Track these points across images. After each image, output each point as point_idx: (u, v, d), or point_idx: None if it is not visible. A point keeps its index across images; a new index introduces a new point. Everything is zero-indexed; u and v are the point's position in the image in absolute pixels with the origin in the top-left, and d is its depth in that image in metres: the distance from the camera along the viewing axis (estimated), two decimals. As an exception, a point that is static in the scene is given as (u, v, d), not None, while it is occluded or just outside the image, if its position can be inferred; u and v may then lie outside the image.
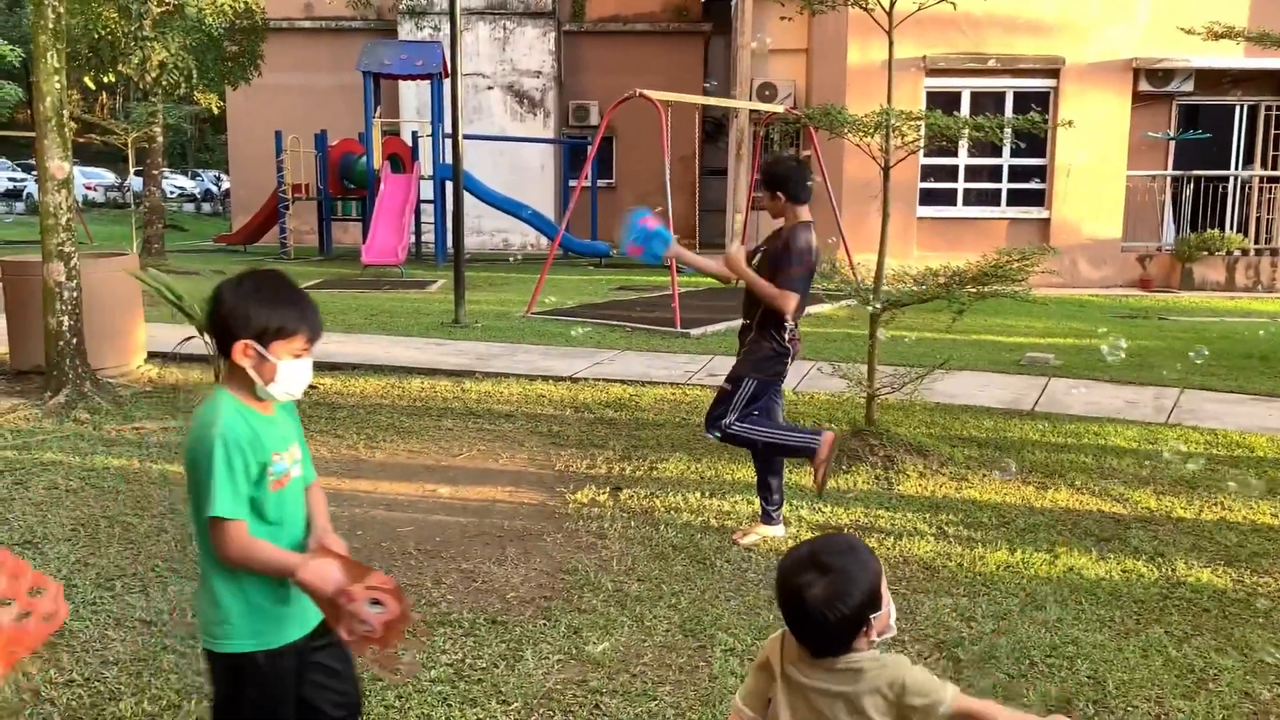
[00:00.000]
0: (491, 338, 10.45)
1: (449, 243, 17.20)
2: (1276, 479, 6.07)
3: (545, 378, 8.54)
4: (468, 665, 3.71)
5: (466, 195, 13.00)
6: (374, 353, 9.44)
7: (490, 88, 22.79)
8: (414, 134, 19.95)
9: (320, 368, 8.74)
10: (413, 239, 19.11)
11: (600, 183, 21.88)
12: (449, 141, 17.40)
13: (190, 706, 3.39)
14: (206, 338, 7.71)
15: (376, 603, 2.25)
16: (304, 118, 21.24)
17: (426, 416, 7.35)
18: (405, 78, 19.68)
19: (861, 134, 6.30)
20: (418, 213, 19.10)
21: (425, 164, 19.08)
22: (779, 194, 4.90)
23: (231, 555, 2.30)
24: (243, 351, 2.32)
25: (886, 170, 6.39)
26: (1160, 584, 4.53)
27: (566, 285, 15.15)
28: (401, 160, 19.22)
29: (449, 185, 17.78)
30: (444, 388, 8.22)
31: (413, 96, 22.10)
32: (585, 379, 8.50)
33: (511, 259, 19.73)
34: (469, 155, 16.19)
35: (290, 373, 2.35)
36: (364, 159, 18.93)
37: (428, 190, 19.00)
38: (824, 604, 1.98)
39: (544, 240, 21.16)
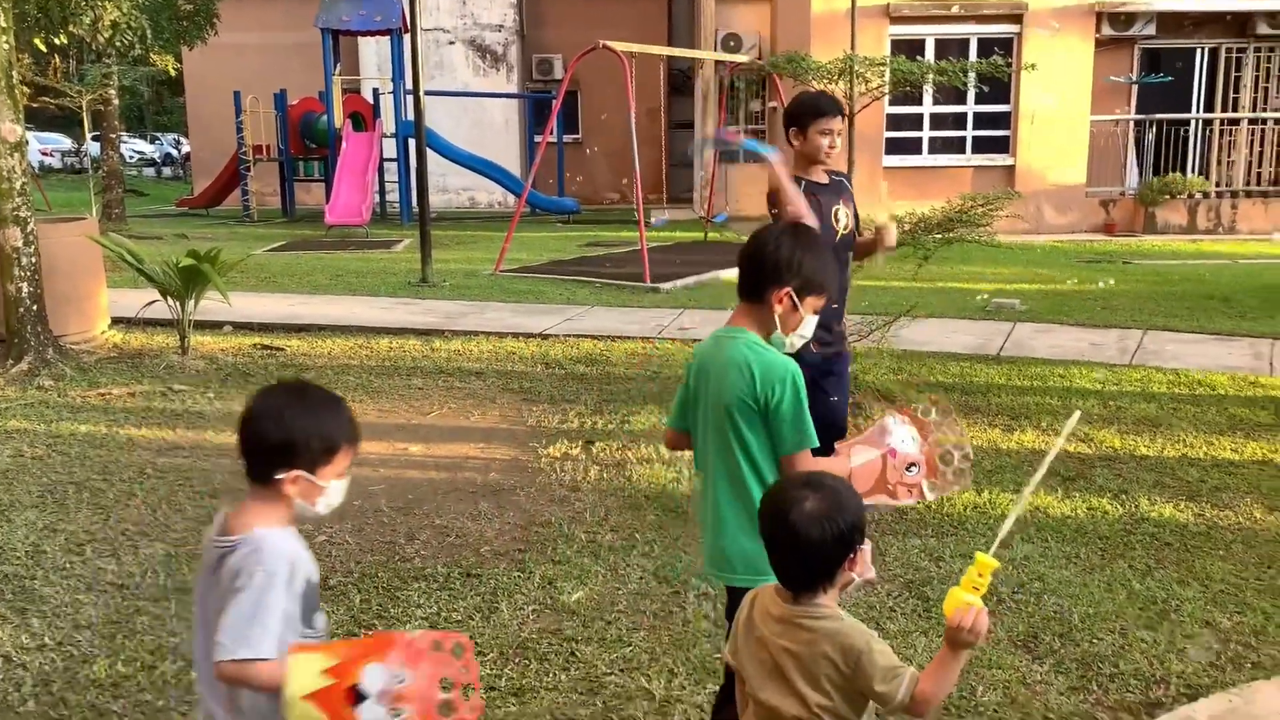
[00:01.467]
0: (460, 296, 10.39)
1: (414, 201, 17.06)
2: (1236, 415, 6.17)
3: (515, 335, 8.51)
4: (442, 619, 3.73)
5: (431, 153, 12.86)
6: (341, 313, 9.38)
7: (452, 42, 22.46)
8: (375, 91, 19.64)
9: (286, 329, 8.69)
10: (377, 198, 18.91)
11: (566, 138, 21.69)
12: (411, 98, 17.21)
13: (165, 667, 3.39)
14: (169, 300, 7.64)
15: None
16: (263, 77, 20.84)
17: (396, 376, 7.33)
18: (364, 34, 19.35)
19: (826, 81, 6.29)
20: (381, 171, 18.88)
21: (387, 121, 18.82)
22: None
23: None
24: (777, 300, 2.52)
25: (851, 117, 6.38)
26: (1124, 520, 4.61)
27: (534, 242, 15.07)
28: (363, 118, 18.94)
29: (412, 143, 17.60)
30: (413, 347, 8.18)
31: (373, 53, 21.74)
32: (556, 335, 8.49)
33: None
34: (431, 112, 15.97)
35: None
36: (325, 118, 18.65)
37: (391, 148, 18.77)
38: (816, 518, 1.93)
39: (511, 197, 20.99)
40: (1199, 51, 17.01)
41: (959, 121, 16.63)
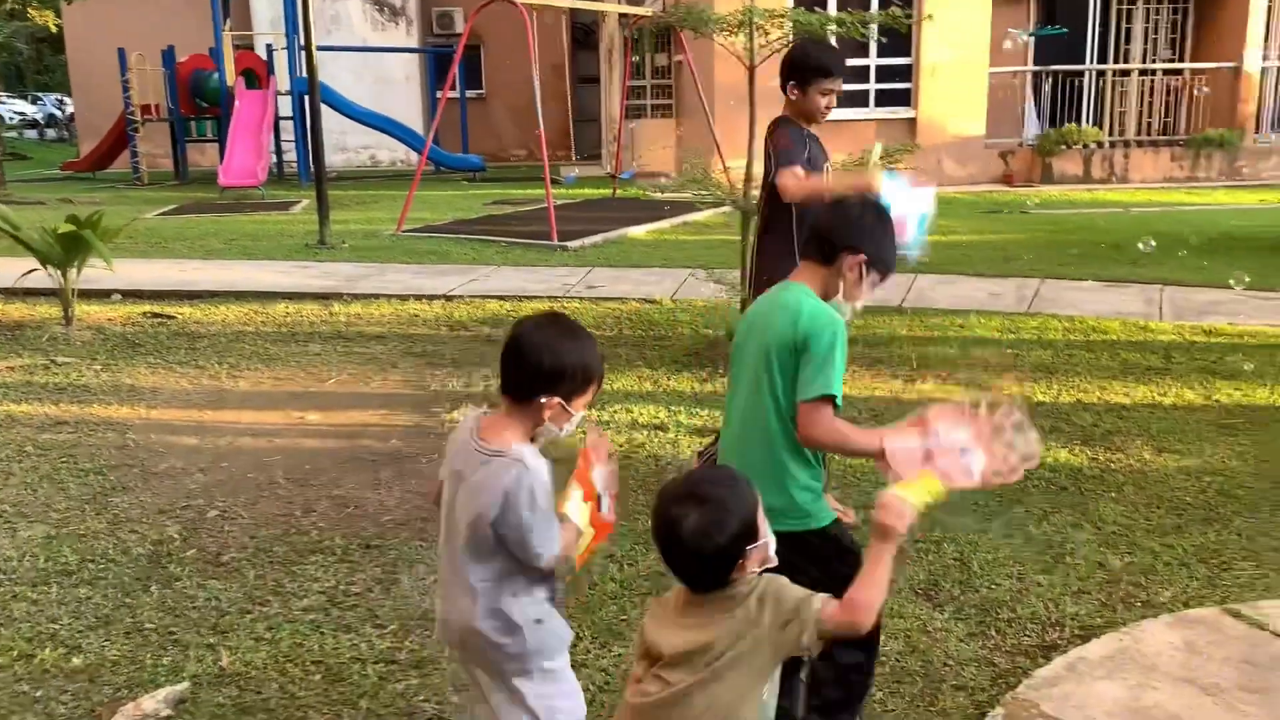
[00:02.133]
0: (360, 258, 10.13)
1: (312, 161, 16.55)
2: (1128, 359, 6.35)
3: (418, 297, 8.33)
4: (341, 592, 3.63)
5: (329, 110, 12.45)
6: (235, 278, 9.06)
7: (347, -4, 21.75)
8: (268, 47, 18.93)
9: (179, 296, 8.37)
10: (273, 158, 18.31)
11: (469, 93, 21.26)
12: (304, 54, 16.63)
13: (45, 655, 3.23)
14: (49, 269, 7.27)
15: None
16: (149, 33, 19.91)
17: (293, 342, 7.11)
18: (255, -13, 18.61)
19: (726, 33, 6.20)
20: (277, 130, 18.27)
21: (282, 79, 18.18)
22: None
23: (820, 434, 2.46)
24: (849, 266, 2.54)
25: (752, 70, 6.31)
26: (1021, 466, 4.69)
27: (438, 201, 14.76)
28: (257, 75, 18.28)
29: (308, 100, 17.04)
30: (311, 311, 7.95)
31: (265, 7, 20.93)
32: (460, 296, 8.33)
33: None
34: (328, 68, 15.49)
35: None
36: (216, 75, 17.95)
37: (287, 106, 18.15)
38: (698, 535, 1.91)
39: (414, 156, 20.53)
40: (1091, 3, 17.35)
41: (862, 75, 16.70)
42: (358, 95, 19.16)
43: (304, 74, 17.10)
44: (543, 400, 2.22)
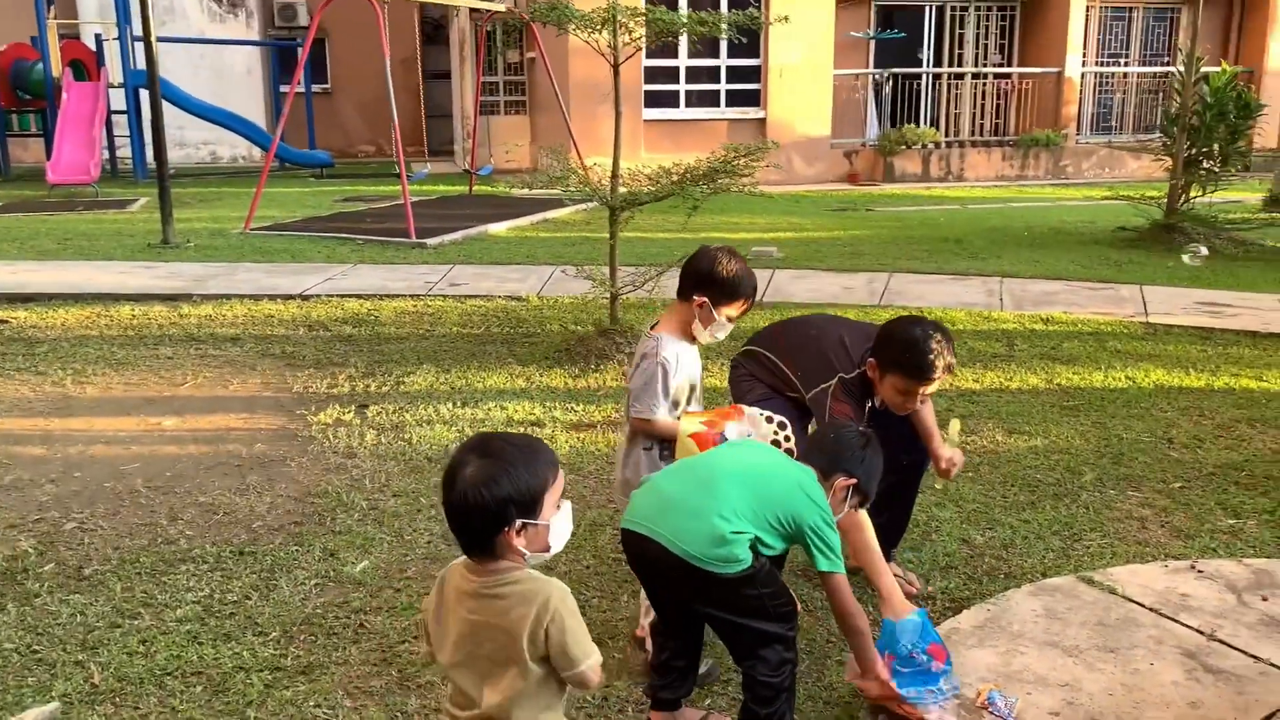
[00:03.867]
0: (207, 257, 9.73)
1: (149, 157, 15.75)
2: (975, 348, 6.69)
3: (272, 297, 8.07)
4: (216, 600, 3.50)
5: (167, 105, 11.88)
6: (73, 279, 8.58)
7: (182, -15, 20.81)
8: (97, 37, 17.94)
9: (11, 299, 7.88)
10: (106, 154, 17.36)
11: (315, 87, 20.67)
12: (139, 45, 15.82)
13: (-108, 683, 3.01)
14: None
15: None
16: (-40, 19, 18.61)
17: (142, 345, 6.78)
18: (80, -27, 17.59)
19: (589, 30, 6.24)
20: (110, 126, 17.33)
21: (114, 70, 17.27)
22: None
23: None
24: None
25: (616, 68, 6.37)
26: (885, 451, 4.90)
27: (286, 198, 14.30)
28: (85, 67, 17.29)
29: (144, 94, 16.22)
30: (159, 313, 7.60)
31: (91, -6, 19.84)
32: (318, 296, 8.11)
33: None
34: (163, 61, 14.76)
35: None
36: (40, 66, 16.89)
37: (120, 100, 17.25)
38: (470, 485, 1.88)
39: (257, 151, 19.83)
40: (928, 9, 18.17)
41: (713, 75, 17.03)
42: (195, 89, 18.39)
43: (139, 65, 16.34)
44: (694, 298, 3.03)
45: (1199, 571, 3.64)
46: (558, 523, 1.98)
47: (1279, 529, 4.07)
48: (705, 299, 3.02)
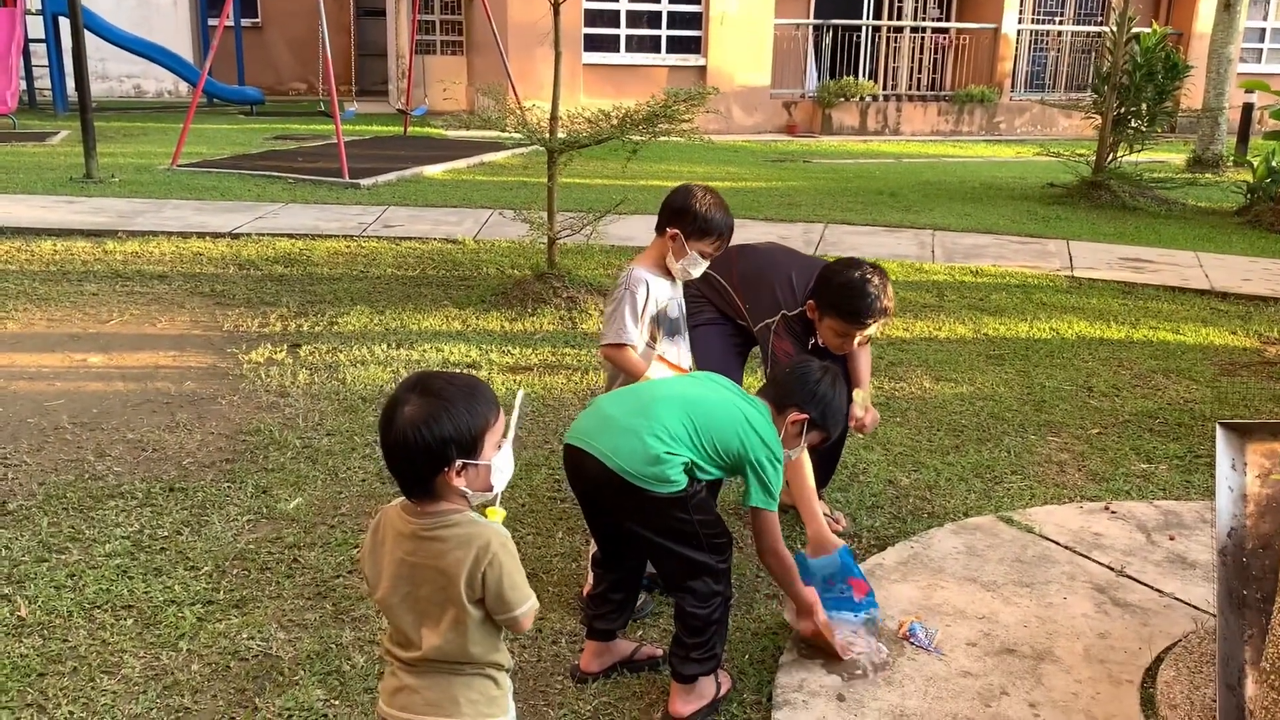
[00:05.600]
0: (133, 193, 9.46)
1: (69, 89, 15.18)
2: (906, 298, 6.81)
3: (201, 234, 7.89)
4: (146, 536, 3.47)
5: (88, 36, 11.43)
6: (-9, 214, 8.29)
7: (103, -91, 19.94)
8: (12, -39, 17.17)
9: (-77, 232, 7.58)
10: (24, 85, 16.69)
11: (245, 22, 20.05)
12: (58, -30, 15.17)
13: None
14: None
15: None
16: None
17: (65, 282, 6.61)
18: (-7, -108, 16.73)
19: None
20: (27, 55, 16.64)
21: (30, -3, 16.54)
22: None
23: None
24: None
25: (556, 8, 6.30)
26: (817, 396, 4.99)
27: (215, 135, 13.92)
28: (-1, -8, 16.53)
29: (64, 22, 15.59)
30: (82, 249, 7.39)
31: (5, -84, 18.91)
32: (248, 234, 7.94)
33: None
34: (85, -13, 14.20)
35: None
36: (-50, -11, 16.11)
37: (38, 28, 16.55)
38: (409, 424, 1.84)
39: (184, 86, 19.23)
40: (869, -39, 18.16)
41: (654, 20, 16.89)
42: (119, 20, 17.71)
43: (57, -8, 15.67)
44: (669, 230, 3.10)
45: (1112, 512, 3.80)
46: (499, 462, 1.96)
47: (1188, 473, 4.25)
48: (678, 231, 3.07)
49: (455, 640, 1.92)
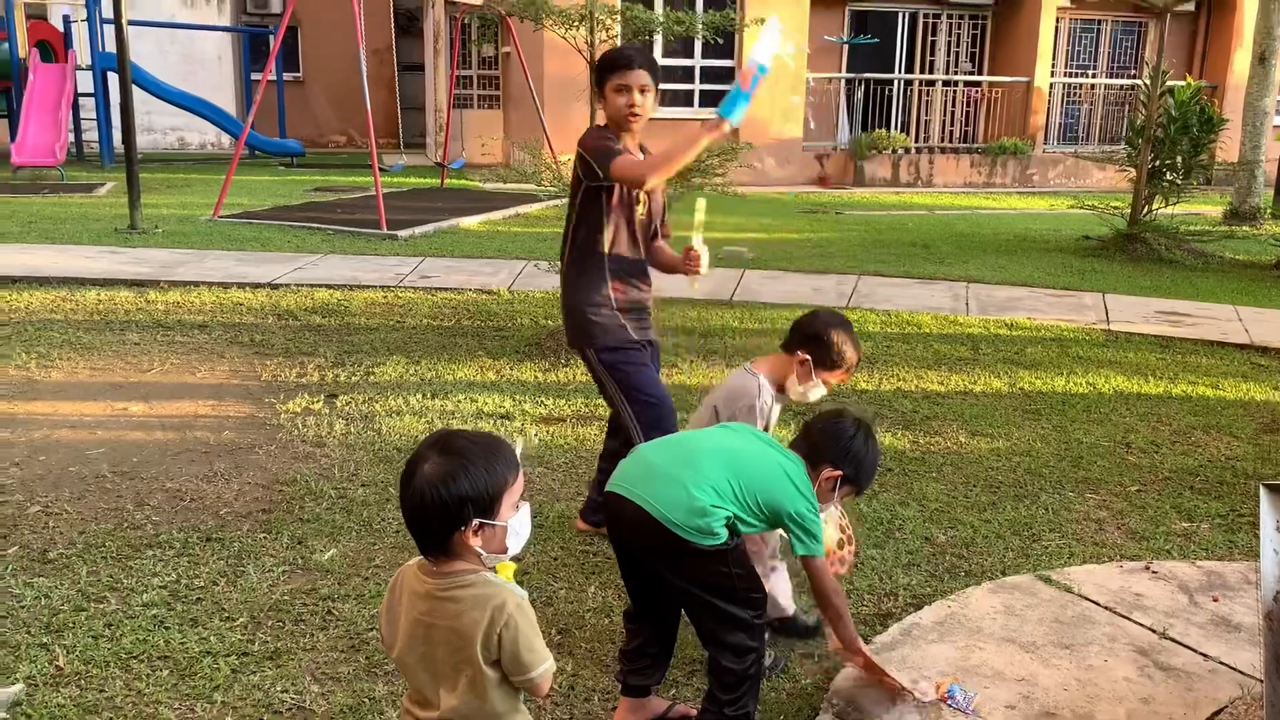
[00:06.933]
0: (175, 244, 9.65)
1: (116, 141, 15.57)
2: (940, 351, 6.78)
3: (241, 285, 8.02)
4: (184, 586, 3.50)
5: (134, 89, 11.75)
6: (37, 263, 8.48)
7: (153, -32, 20.57)
8: (66, 18, 17.73)
9: (-27, 282, 7.76)
10: (72, 138, 17.14)
11: (287, 76, 20.52)
12: (108, 27, 15.62)
13: None
14: None
15: None
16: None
17: (108, 331, 6.73)
18: (49, -47, 17.34)
19: (566, 26, 6.26)
20: (76, 108, 17.11)
21: (81, 53, 17.05)
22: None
23: None
24: None
25: (592, 65, 6.39)
26: (851, 450, 4.96)
27: (256, 187, 14.20)
28: (52, 48, 17.06)
29: (112, 77, 16.03)
30: (125, 299, 7.54)
31: (60, -25, 19.56)
32: (287, 285, 8.07)
33: None
34: (133, 44, 14.61)
35: None
36: (6, 46, 16.64)
37: (87, 83, 17.04)
38: (428, 482, 1.86)
39: (226, 138, 19.67)
40: (900, 16, 18.33)
41: (687, 75, 17.09)
42: (164, 74, 18.21)
43: (107, 48, 16.15)
44: (798, 354, 3.16)
45: (1153, 572, 3.73)
46: (515, 524, 1.94)
47: (1231, 532, 4.18)
48: (808, 356, 3.14)
49: (473, 701, 1.91)
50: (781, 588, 3.27)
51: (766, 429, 3.22)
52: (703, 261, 3.65)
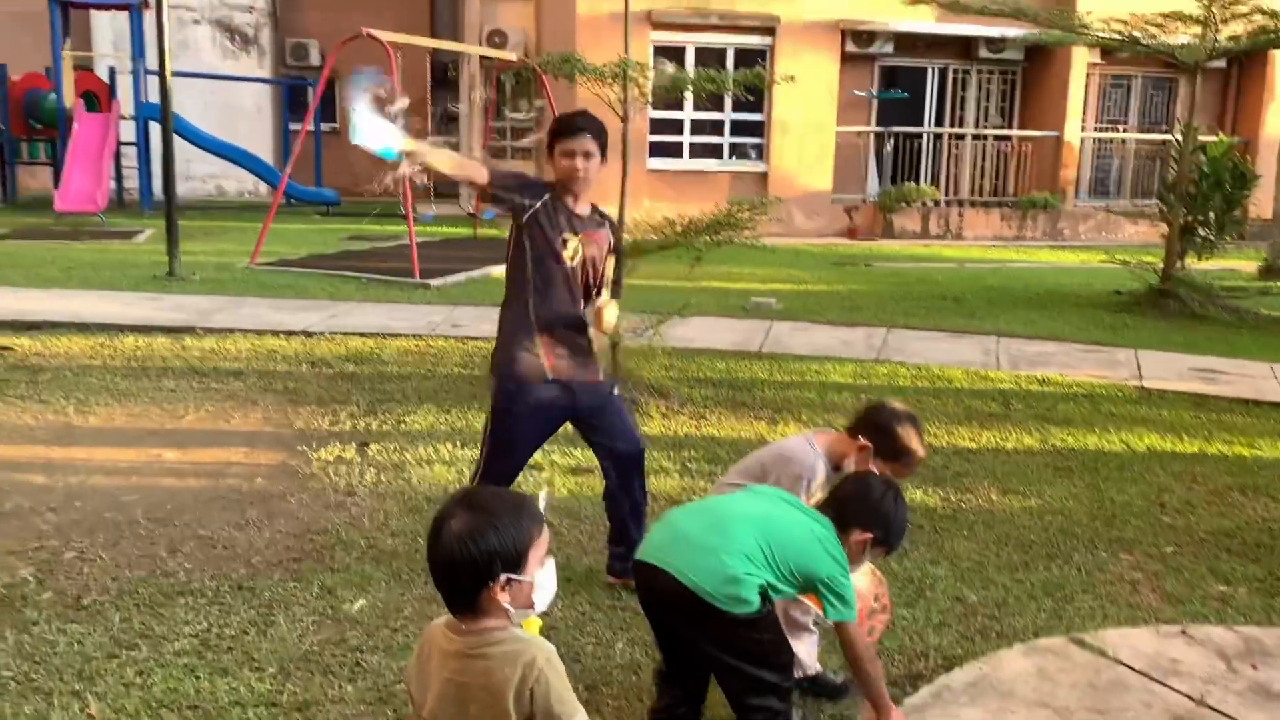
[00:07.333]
0: (212, 291, 9.81)
1: (155, 189, 15.89)
2: (971, 406, 6.75)
3: (276, 332, 8.12)
4: (214, 634, 3.52)
5: (175, 138, 12.02)
6: (77, 309, 8.64)
7: (197, 22, 21.12)
8: (111, 70, 18.18)
9: (14, 327, 7.93)
10: (114, 185, 17.52)
11: (324, 126, 20.88)
12: (151, 79, 16.00)
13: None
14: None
15: None
16: (-23, 48, 18.83)
17: (145, 377, 6.83)
18: (98, 7, 17.88)
19: (601, 83, 6.36)
20: (118, 156, 17.50)
21: (125, 103, 17.47)
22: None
23: None
24: None
25: (625, 122, 6.49)
26: (880, 506, 4.93)
27: (293, 235, 14.42)
28: (97, 98, 17.49)
29: (153, 126, 16.39)
30: (162, 345, 7.65)
31: (107, 27, 20.11)
32: (320, 333, 8.17)
33: None
34: (175, 95, 14.98)
35: None
36: (53, 96, 17.09)
37: (129, 132, 17.43)
38: (456, 538, 1.88)
39: (263, 187, 20.01)
40: (930, 70, 18.47)
41: (717, 128, 17.28)
42: (205, 124, 18.59)
43: (150, 98, 16.51)
44: (860, 440, 3.22)
45: (1189, 637, 3.67)
46: (542, 579, 1.96)
47: (1269, 597, 4.11)
48: (870, 445, 3.20)
49: None
50: (806, 647, 3.25)
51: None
52: (604, 317, 3.78)
